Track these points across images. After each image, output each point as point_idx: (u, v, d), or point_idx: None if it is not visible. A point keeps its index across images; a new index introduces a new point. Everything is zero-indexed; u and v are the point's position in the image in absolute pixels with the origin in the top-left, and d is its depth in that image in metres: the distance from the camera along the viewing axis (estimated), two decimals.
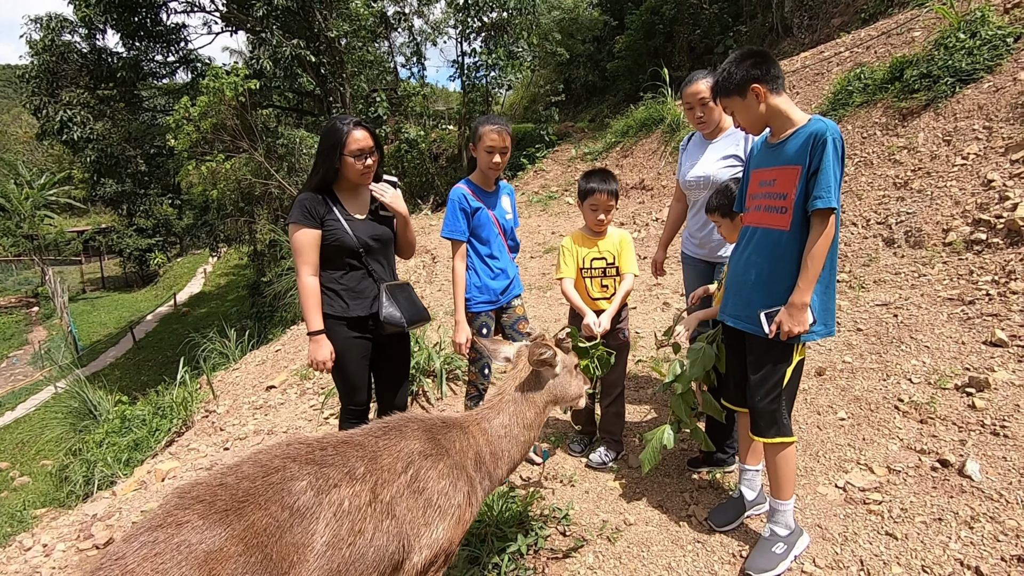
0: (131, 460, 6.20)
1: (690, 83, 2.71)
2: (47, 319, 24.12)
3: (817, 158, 1.85)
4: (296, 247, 2.31)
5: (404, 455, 1.55)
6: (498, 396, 1.86)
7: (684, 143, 3.00)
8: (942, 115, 5.45)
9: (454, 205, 2.60)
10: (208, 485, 1.29)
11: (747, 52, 2.00)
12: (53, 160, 34.97)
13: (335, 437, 1.55)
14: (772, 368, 2.01)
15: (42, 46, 13.57)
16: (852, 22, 12.49)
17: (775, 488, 2.10)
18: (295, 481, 1.35)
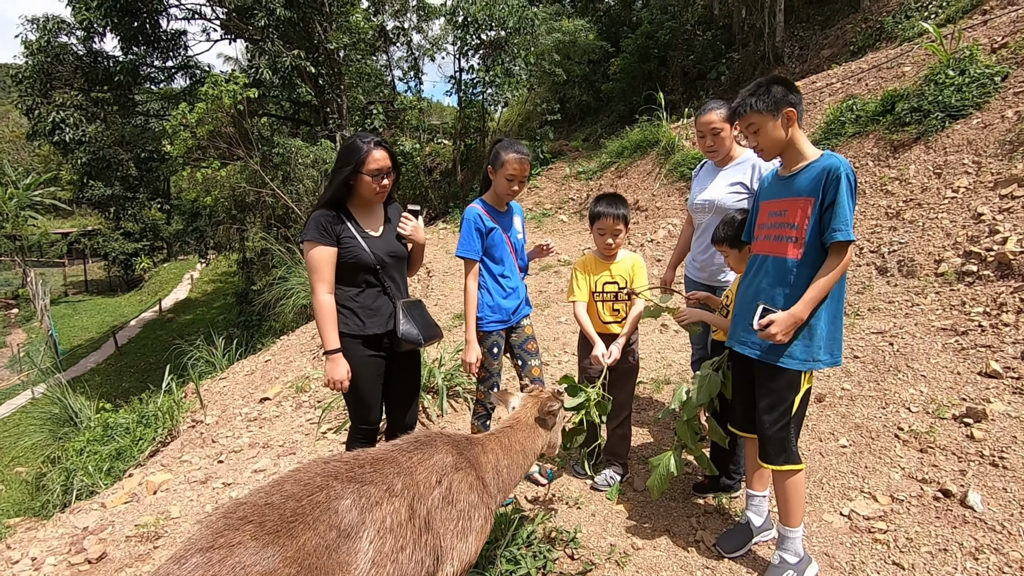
0: (113, 469, 6.06)
1: (703, 112, 2.78)
2: (27, 322, 23.60)
3: (832, 192, 1.90)
4: (312, 264, 2.30)
5: (438, 468, 1.59)
6: (513, 421, 1.99)
7: (697, 170, 3.08)
8: (933, 148, 5.61)
9: (469, 225, 2.61)
10: (255, 505, 1.28)
11: (782, 78, 2.04)
12: (40, 160, 34.51)
13: (369, 454, 1.57)
14: (781, 396, 2.03)
15: (37, 47, 13.47)
16: (841, 54, 12.85)
17: (784, 515, 2.11)
18: (340, 500, 1.36)
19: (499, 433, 1.93)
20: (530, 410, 2.01)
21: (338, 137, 14.67)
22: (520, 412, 2.03)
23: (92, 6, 11.43)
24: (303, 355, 7.28)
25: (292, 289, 11.15)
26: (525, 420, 1.98)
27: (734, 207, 2.68)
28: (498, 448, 1.85)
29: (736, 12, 16.54)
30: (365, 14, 15.23)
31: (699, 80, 17.45)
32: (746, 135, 2.11)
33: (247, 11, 13.60)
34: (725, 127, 2.76)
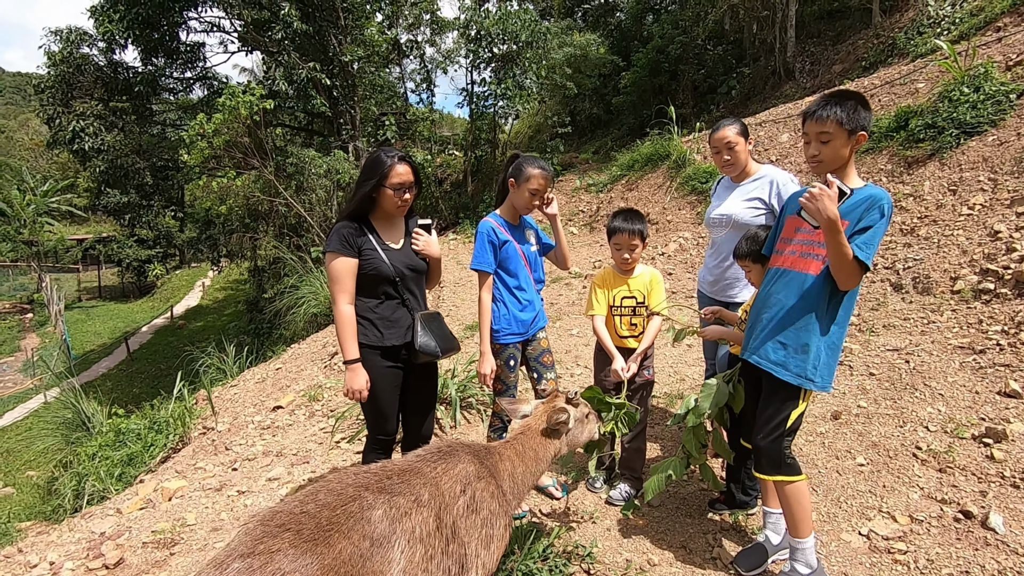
0: (124, 475, 6.10)
1: (718, 129, 2.82)
2: (41, 326, 23.90)
3: (869, 218, 1.94)
4: (334, 275, 2.34)
5: (461, 478, 1.63)
6: (524, 430, 2.02)
7: (714, 186, 3.10)
8: (947, 165, 5.60)
9: (483, 238, 2.65)
10: (291, 513, 1.32)
11: (862, 98, 2.05)
12: (57, 167, 35.12)
13: (396, 465, 1.60)
14: (778, 408, 2.07)
15: (60, 58, 13.77)
16: (853, 69, 12.86)
17: (791, 526, 2.12)
18: (372, 510, 1.39)
19: (513, 440, 1.98)
20: (541, 419, 2.05)
21: (351, 148, 14.83)
22: (532, 420, 2.07)
23: (115, 19, 11.70)
24: (314, 364, 7.32)
25: (303, 298, 11.23)
26: (536, 427, 2.02)
27: (751, 222, 2.70)
28: (513, 455, 1.89)
29: (747, 27, 16.61)
30: (380, 27, 15.45)
31: (710, 94, 17.51)
32: (810, 139, 2.07)
33: (264, 24, 13.85)
34: (740, 141, 2.79)
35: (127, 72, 14.73)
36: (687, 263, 7.71)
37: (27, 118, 49.60)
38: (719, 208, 2.86)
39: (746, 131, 2.83)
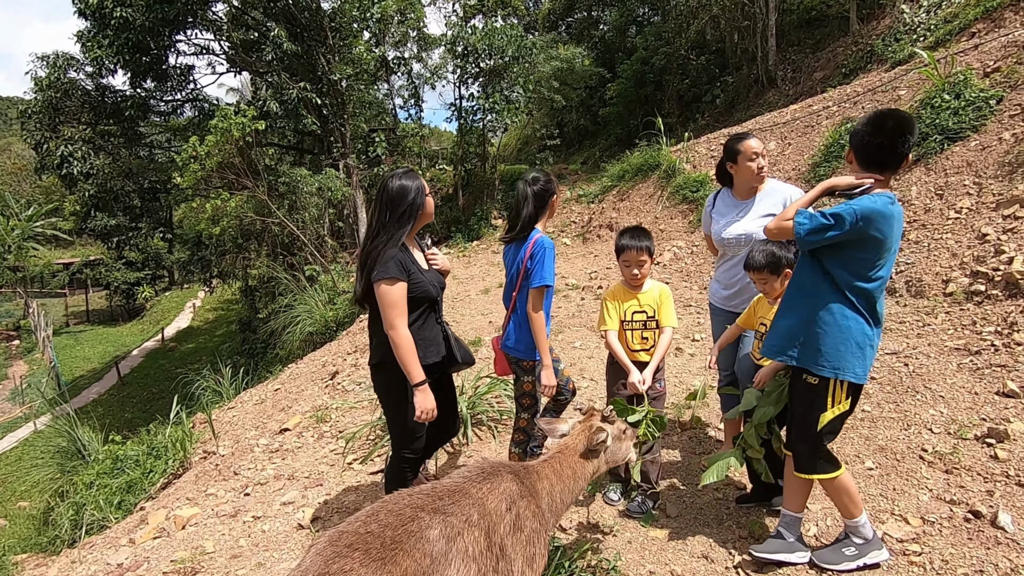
0: (124, 503, 6.01)
1: (744, 139, 2.87)
2: (28, 353, 23.52)
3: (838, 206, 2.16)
4: (392, 300, 2.36)
5: (506, 496, 1.70)
6: (563, 447, 2.06)
7: (710, 201, 3.15)
8: (933, 170, 5.76)
9: (553, 253, 2.68)
10: (357, 533, 1.38)
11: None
12: (41, 192, 34.78)
13: (444, 486, 1.65)
14: (807, 409, 2.18)
15: (47, 83, 13.73)
16: (833, 76, 13.16)
17: (843, 512, 2.29)
18: (430, 529, 1.45)
19: (551, 460, 2.01)
20: (579, 438, 2.08)
21: (342, 165, 14.89)
22: (570, 439, 2.10)
23: (104, 44, 11.72)
24: (314, 384, 7.29)
25: (298, 316, 11.20)
26: (575, 447, 2.05)
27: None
28: (551, 474, 1.93)
29: (728, 37, 16.96)
30: (367, 46, 15.57)
31: (695, 103, 17.80)
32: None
33: (253, 45, 13.92)
34: (765, 152, 2.89)
35: (115, 96, 14.72)
36: (682, 272, 7.81)
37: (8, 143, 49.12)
38: (734, 227, 2.91)
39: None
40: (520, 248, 2.75)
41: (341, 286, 11.41)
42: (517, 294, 2.76)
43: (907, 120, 2.11)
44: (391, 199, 2.46)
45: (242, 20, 14.00)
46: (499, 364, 2.96)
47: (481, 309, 8.01)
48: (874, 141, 2.11)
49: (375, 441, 4.06)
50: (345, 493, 3.49)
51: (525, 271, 2.69)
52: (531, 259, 2.65)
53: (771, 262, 2.50)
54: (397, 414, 2.48)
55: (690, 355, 4.96)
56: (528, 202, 2.76)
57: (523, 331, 2.74)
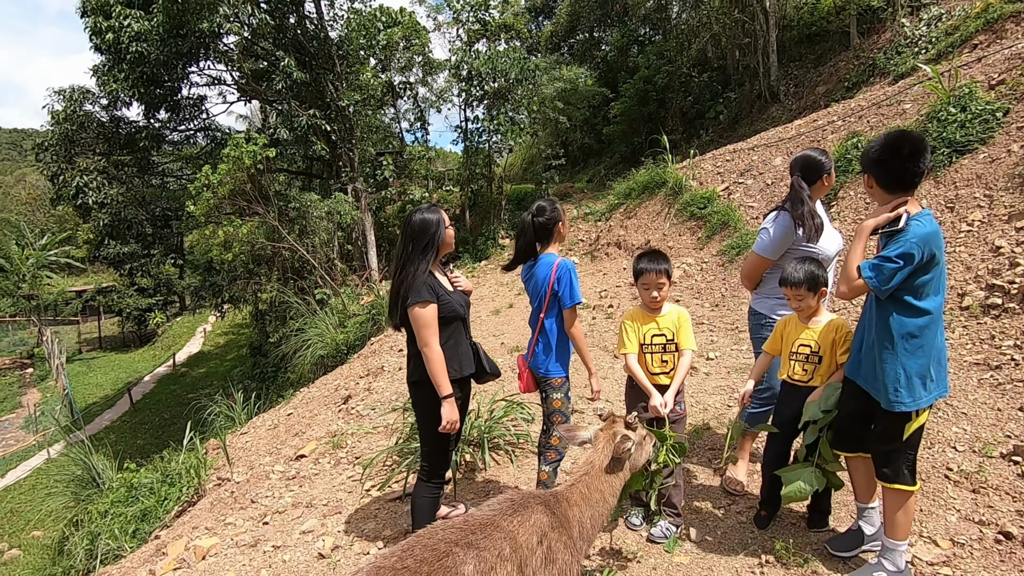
0: (139, 531, 6.00)
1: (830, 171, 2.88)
2: (42, 381, 23.72)
3: (894, 246, 2.16)
4: (425, 321, 2.59)
5: (537, 529, 1.71)
6: (588, 468, 2.07)
7: (787, 224, 2.88)
8: (942, 183, 5.76)
9: (576, 273, 2.87)
10: (394, 569, 1.42)
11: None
12: (55, 221, 35.41)
13: (476, 519, 1.67)
14: (891, 422, 2.18)
15: (63, 116, 14.08)
16: (836, 90, 13.24)
17: (891, 528, 2.25)
18: (464, 565, 1.48)
19: (578, 483, 2.01)
20: (604, 452, 2.08)
21: (350, 189, 15.09)
22: (594, 456, 2.10)
23: (119, 78, 12.04)
24: (327, 408, 7.29)
25: (309, 340, 11.24)
26: (600, 464, 2.05)
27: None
28: (580, 500, 1.93)
29: (730, 54, 17.13)
30: (374, 72, 15.89)
31: (698, 120, 17.93)
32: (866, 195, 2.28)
33: (263, 74, 14.24)
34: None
35: (129, 127, 15.06)
36: (692, 289, 7.81)
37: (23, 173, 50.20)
38: (837, 241, 2.95)
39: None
40: (541, 273, 2.89)
41: (351, 309, 11.47)
42: (544, 316, 2.89)
43: (921, 140, 2.16)
44: (414, 233, 2.69)
45: (252, 51, 14.35)
46: (525, 382, 3.04)
47: (492, 330, 8.03)
48: (895, 165, 2.15)
49: (392, 467, 4.05)
50: (364, 520, 3.49)
51: (552, 294, 2.84)
52: (558, 283, 2.82)
53: (810, 279, 2.55)
54: (431, 430, 2.68)
55: (705, 374, 4.94)
56: (527, 233, 2.96)
57: (551, 351, 2.88)
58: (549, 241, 2.96)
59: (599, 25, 23.12)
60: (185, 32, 11.73)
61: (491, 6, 17.45)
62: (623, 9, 20.99)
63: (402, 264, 2.70)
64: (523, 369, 3.03)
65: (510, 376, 5.78)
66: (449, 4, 17.77)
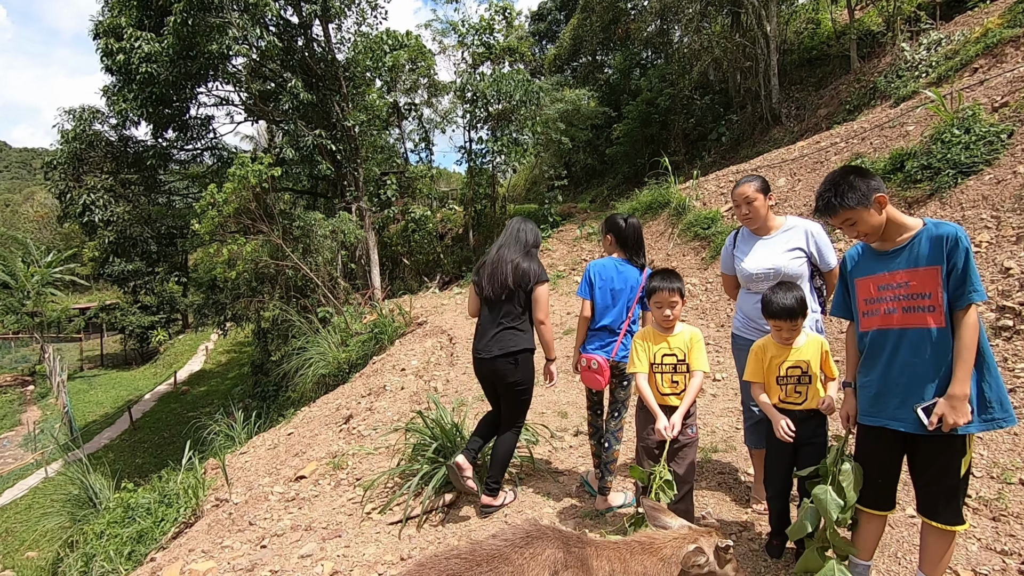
0: (134, 553, 5.88)
1: (739, 185, 2.98)
2: (42, 398, 23.61)
3: (959, 258, 1.98)
4: (547, 298, 3.31)
5: (549, 564, 1.61)
6: (648, 544, 1.85)
7: (730, 240, 3.18)
8: (948, 204, 5.75)
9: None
10: None
11: (854, 168, 2.16)
12: (61, 238, 35.62)
13: (484, 550, 1.58)
14: (948, 460, 2.05)
15: (73, 135, 14.26)
16: (837, 112, 13.34)
17: (934, 568, 2.14)
18: None
19: (622, 545, 1.83)
20: (673, 545, 1.83)
21: (355, 208, 15.18)
22: (662, 538, 1.87)
23: (128, 98, 12.21)
24: (328, 428, 7.20)
25: (311, 359, 11.17)
26: (661, 550, 1.81)
27: (798, 272, 2.83)
28: (616, 560, 1.75)
29: (731, 77, 17.33)
30: (379, 93, 16.09)
31: (700, 141, 18.08)
32: (841, 228, 2.19)
33: (270, 95, 14.44)
34: (759, 197, 2.92)
35: (137, 146, 15.24)
36: (697, 309, 7.76)
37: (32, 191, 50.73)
38: (760, 262, 2.92)
39: (766, 187, 2.95)
40: (632, 278, 3.27)
41: (354, 327, 11.42)
42: (631, 316, 3.27)
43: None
44: (528, 229, 3.48)
45: (260, 72, 14.57)
46: (606, 378, 3.20)
47: None
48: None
49: (393, 489, 3.97)
50: (365, 544, 3.40)
51: (640, 299, 3.24)
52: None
53: (802, 305, 2.48)
54: (528, 390, 3.31)
55: (712, 395, 4.87)
56: (630, 236, 3.33)
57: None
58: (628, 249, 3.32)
59: (602, 49, 23.47)
60: (194, 54, 11.93)
61: (495, 30, 17.77)
62: (625, 33, 21.31)
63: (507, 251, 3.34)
64: (605, 367, 3.19)
65: None
66: (454, 28, 18.12)
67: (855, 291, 2.28)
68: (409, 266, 18.54)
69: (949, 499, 2.07)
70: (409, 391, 6.87)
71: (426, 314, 11.22)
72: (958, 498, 2.08)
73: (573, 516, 3.29)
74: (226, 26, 11.47)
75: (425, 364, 8.01)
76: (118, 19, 12.56)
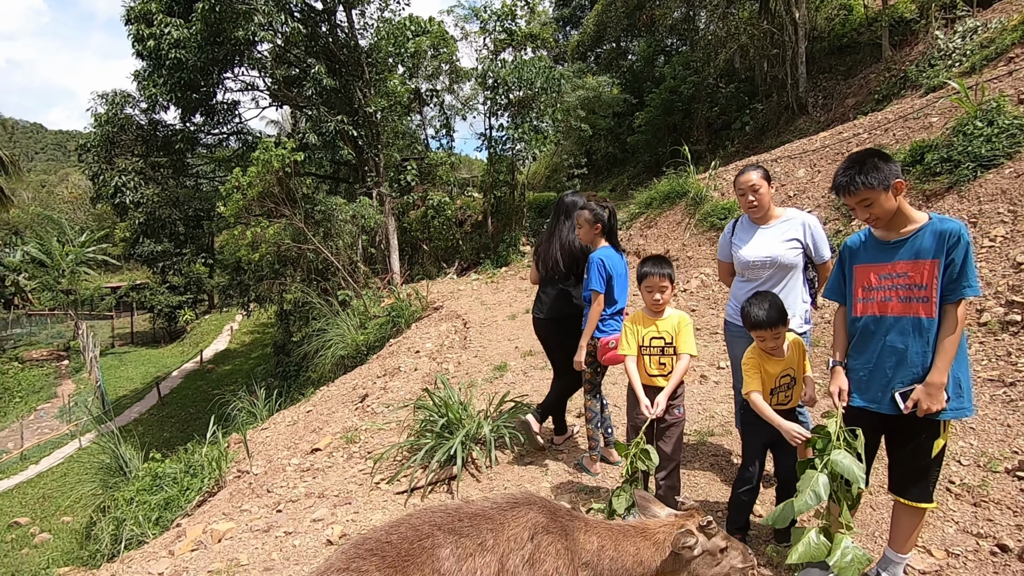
0: (161, 519, 6.22)
1: (742, 174, 3.02)
2: (76, 373, 24.60)
3: (958, 253, 2.05)
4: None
5: (530, 526, 1.71)
6: (642, 529, 1.93)
7: (729, 228, 3.25)
8: (966, 198, 5.68)
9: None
10: (377, 541, 1.50)
11: (877, 151, 2.19)
12: (94, 219, 36.78)
13: (470, 508, 1.72)
14: (920, 443, 2.16)
15: (105, 119, 14.72)
16: (866, 102, 13.04)
17: (899, 541, 2.25)
18: (441, 548, 1.54)
19: (615, 527, 1.89)
20: (662, 532, 1.90)
21: (375, 194, 15.40)
22: (652, 524, 1.94)
23: (158, 83, 12.56)
24: (344, 406, 7.44)
25: (330, 340, 11.47)
26: (651, 535, 1.89)
27: (794, 261, 2.91)
28: (607, 538, 1.82)
29: (758, 65, 17.01)
30: (401, 79, 16.21)
31: (724, 130, 17.82)
32: (854, 208, 2.21)
33: (294, 80, 14.67)
34: (763, 184, 2.97)
35: (166, 129, 15.66)
36: (710, 299, 7.79)
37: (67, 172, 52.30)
38: (757, 250, 2.99)
39: (768, 176, 3.01)
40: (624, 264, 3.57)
41: (372, 311, 11.67)
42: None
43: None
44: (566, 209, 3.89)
45: (285, 58, 14.80)
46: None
47: (508, 334, 8.12)
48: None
49: (401, 462, 4.17)
50: (372, 511, 3.60)
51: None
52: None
53: (781, 314, 2.49)
54: (571, 352, 3.48)
55: (715, 383, 4.95)
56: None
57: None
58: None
59: (626, 35, 23.19)
60: (221, 40, 12.19)
61: (518, 16, 17.69)
62: (650, 20, 21.02)
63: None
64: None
65: (520, 378, 5.86)
66: (477, 14, 18.09)
67: (852, 277, 2.34)
68: (428, 252, 18.75)
69: (919, 478, 2.17)
70: (422, 372, 7.07)
71: (442, 299, 11.42)
72: (928, 478, 2.18)
73: (568, 491, 3.44)
74: (252, 12, 11.69)
75: (439, 347, 8.20)
76: (149, 5, 12.89)
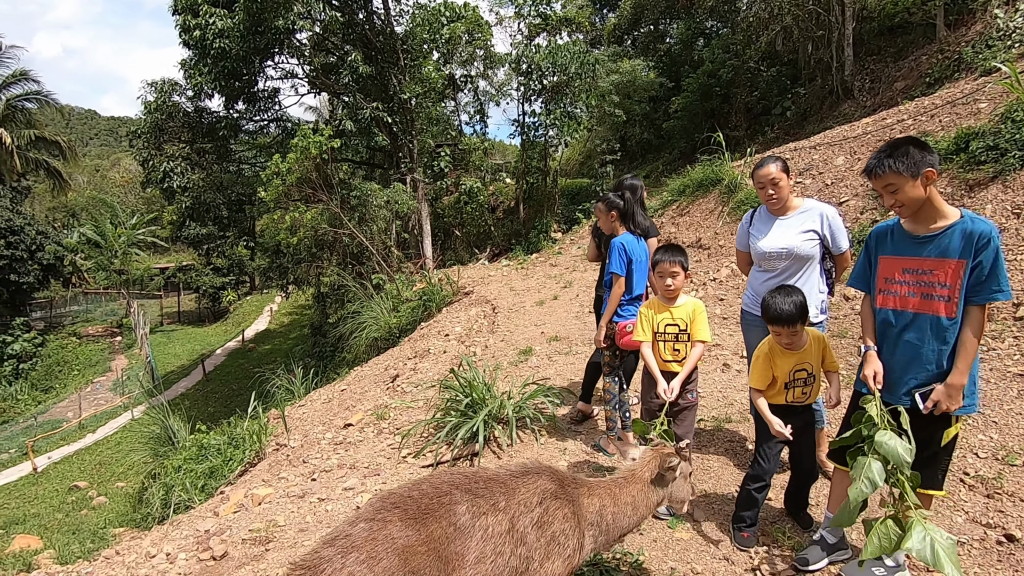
0: (207, 486, 6.65)
1: (761, 166, 3.01)
2: (128, 348, 25.96)
3: (988, 256, 2.03)
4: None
5: (539, 491, 1.89)
6: (630, 476, 2.17)
7: (747, 218, 3.26)
8: (1010, 188, 5.48)
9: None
10: (400, 496, 1.69)
11: (915, 139, 2.14)
12: (144, 203, 38.43)
13: (484, 474, 1.91)
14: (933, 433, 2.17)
15: (154, 106, 15.38)
16: (916, 85, 12.49)
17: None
18: (458, 504, 1.72)
19: (610, 483, 2.10)
20: (648, 467, 2.15)
21: (409, 180, 15.67)
22: (637, 467, 2.18)
23: (203, 71, 13.05)
24: (377, 386, 7.74)
25: (364, 323, 11.83)
26: (640, 476, 2.13)
27: (810, 253, 2.93)
28: (606, 496, 2.03)
29: (801, 48, 16.44)
30: (436, 65, 16.33)
31: (763, 116, 17.32)
32: (881, 193, 2.19)
33: (331, 68, 14.98)
34: (783, 177, 2.97)
35: (211, 117, 16.26)
36: (739, 288, 7.72)
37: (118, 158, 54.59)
38: (774, 241, 3.00)
39: (787, 167, 3.01)
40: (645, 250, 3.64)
41: (405, 294, 11.97)
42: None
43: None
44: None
45: (323, 45, 15.12)
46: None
47: (535, 320, 8.25)
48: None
49: (427, 438, 4.37)
50: (399, 482, 3.82)
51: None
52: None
53: (802, 311, 2.49)
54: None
55: (737, 371, 4.98)
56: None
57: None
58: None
59: (664, 17, 22.69)
60: (263, 29, 12.55)
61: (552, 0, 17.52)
62: (689, 1, 20.49)
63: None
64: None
65: (544, 362, 5.99)
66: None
67: (876, 267, 2.32)
68: (460, 237, 18.98)
69: (928, 465, 2.19)
70: (451, 355, 7.28)
71: (473, 284, 11.62)
72: (937, 465, 2.21)
73: (585, 470, 3.57)
74: (291, 2, 11.99)
75: (468, 331, 8.41)
76: None
